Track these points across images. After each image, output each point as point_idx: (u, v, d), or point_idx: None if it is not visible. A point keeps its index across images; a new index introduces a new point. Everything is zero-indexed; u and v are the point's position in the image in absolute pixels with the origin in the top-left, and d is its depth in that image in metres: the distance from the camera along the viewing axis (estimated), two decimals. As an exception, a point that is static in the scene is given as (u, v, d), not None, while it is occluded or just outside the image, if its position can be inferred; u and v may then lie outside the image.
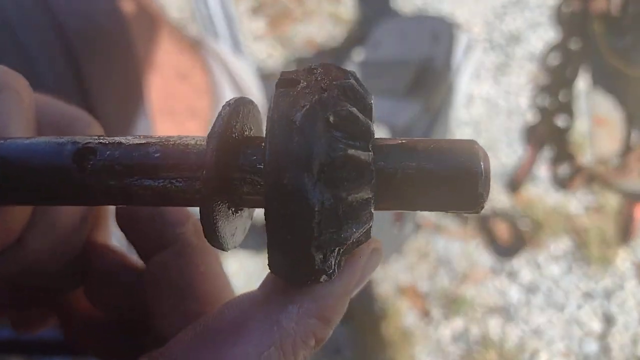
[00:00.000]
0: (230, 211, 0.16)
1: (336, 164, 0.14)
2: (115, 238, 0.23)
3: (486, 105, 1.36)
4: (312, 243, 0.14)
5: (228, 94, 0.65)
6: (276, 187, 0.13)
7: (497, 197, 1.17)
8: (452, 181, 0.14)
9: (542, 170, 1.18)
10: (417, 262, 1.09)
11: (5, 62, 0.42)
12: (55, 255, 0.20)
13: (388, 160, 0.15)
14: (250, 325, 0.15)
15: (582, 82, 0.77)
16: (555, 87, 0.74)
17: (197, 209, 0.15)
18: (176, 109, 0.59)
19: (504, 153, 1.25)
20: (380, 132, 0.91)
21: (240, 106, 0.16)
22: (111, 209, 0.20)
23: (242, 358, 0.15)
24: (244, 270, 1.11)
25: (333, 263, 0.15)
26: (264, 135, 0.14)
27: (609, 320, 0.97)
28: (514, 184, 0.91)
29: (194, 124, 0.61)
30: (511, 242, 1.10)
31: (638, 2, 0.61)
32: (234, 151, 0.15)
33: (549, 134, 0.79)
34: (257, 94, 0.70)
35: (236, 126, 0.16)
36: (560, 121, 0.77)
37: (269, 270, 0.15)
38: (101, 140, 0.16)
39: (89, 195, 0.16)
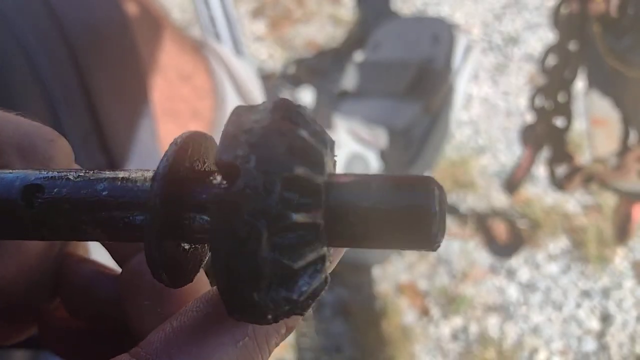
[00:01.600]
0: (182, 247, 0.16)
1: (285, 229, 0.13)
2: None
3: (485, 105, 1.37)
4: (262, 302, 0.14)
5: (230, 95, 0.65)
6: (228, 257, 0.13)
7: (496, 197, 1.18)
8: (406, 221, 0.14)
9: (541, 170, 1.18)
10: (416, 261, 1.10)
11: (9, 65, 0.42)
12: (23, 276, 0.19)
13: (340, 199, 0.14)
14: (226, 318, 0.16)
15: (581, 83, 0.76)
16: (553, 88, 0.74)
17: None
18: (179, 110, 0.59)
19: (502, 153, 1.26)
20: (380, 133, 0.92)
21: (189, 143, 0.16)
22: None
23: (220, 347, 0.15)
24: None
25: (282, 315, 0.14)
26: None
27: (607, 319, 0.97)
28: (512, 185, 0.90)
29: (197, 124, 0.62)
30: (510, 242, 1.11)
31: (637, 3, 0.61)
32: (181, 191, 0.15)
33: (547, 134, 0.79)
34: (257, 95, 0.71)
35: (185, 163, 0.16)
36: (558, 122, 0.77)
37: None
38: (50, 175, 0.16)
39: (36, 232, 0.16)
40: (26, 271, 0.19)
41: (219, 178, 0.15)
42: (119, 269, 0.20)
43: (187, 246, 0.16)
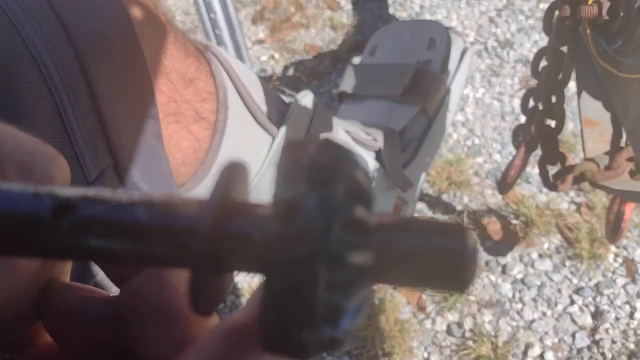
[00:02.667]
0: (212, 277, 0.15)
1: (341, 269, 0.13)
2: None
3: (480, 107, 1.38)
4: (309, 340, 0.13)
5: (232, 98, 0.66)
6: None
7: (491, 196, 1.19)
8: (445, 264, 0.14)
9: (534, 169, 1.19)
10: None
11: (17, 67, 0.42)
12: (13, 300, 0.17)
13: (387, 240, 0.14)
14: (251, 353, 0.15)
15: (573, 84, 0.77)
16: (546, 89, 0.74)
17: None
18: (182, 112, 0.59)
19: (498, 153, 1.27)
20: (377, 135, 0.93)
21: (236, 171, 0.15)
22: None
23: None
24: (245, 280, 1.13)
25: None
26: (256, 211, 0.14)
27: (600, 316, 0.98)
28: (504, 185, 0.91)
29: (200, 127, 0.62)
30: (504, 239, 1.12)
31: (629, 6, 0.60)
32: (226, 220, 0.14)
33: (539, 135, 0.79)
34: (258, 98, 0.71)
35: (232, 194, 0.15)
36: (551, 123, 0.77)
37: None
38: (84, 195, 0.15)
39: (62, 253, 0.15)
40: (18, 295, 0.18)
41: (270, 212, 0.14)
42: (110, 290, 0.20)
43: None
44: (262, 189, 0.73)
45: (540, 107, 0.77)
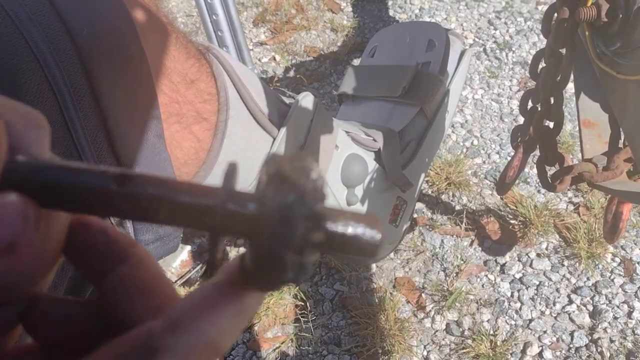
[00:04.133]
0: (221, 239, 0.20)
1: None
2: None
3: (479, 108, 1.39)
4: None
5: (233, 99, 0.67)
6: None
7: (489, 196, 1.20)
8: (356, 242, 0.19)
9: (532, 169, 1.20)
10: (412, 258, 1.12)
11: (21, 68, 0.43)
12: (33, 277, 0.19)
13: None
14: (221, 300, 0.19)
15: (571, 85, 0.77)
16: (544, 90, 0.74)
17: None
18: (184, 113, 0.60)
19: (496, 154, 1.28)
20: (377, 136, 0.93)
21: (234, 169, 0.19)
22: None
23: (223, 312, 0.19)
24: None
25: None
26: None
27: (598, 314, 0.99)
28: (502, 186, 0.91)
29: (201, 127, 0.63)
30: (502, 239, 1.12)
31: (627, 7, 0.60)
32: (230, 202, 0.19)
33: (538, 136, 0.79)
34: (259, 99, 0.72)
35: (232, 184, 0.19)
36: (549, 124, 0.78)
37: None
38: (139, 173, 0.19)
39: (125, 208, 0.18)
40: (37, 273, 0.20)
41: (260, 199, 0.19)
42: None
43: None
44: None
45: (539, 108, 0.77)
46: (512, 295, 1.04)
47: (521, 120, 0.88)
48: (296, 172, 0.18)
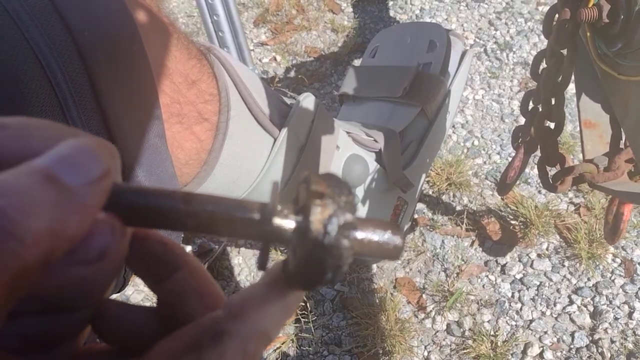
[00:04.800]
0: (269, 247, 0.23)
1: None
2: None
3: (480, 108, 1.39)
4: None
5: (234, 99, 0.67)
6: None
7: (490, 197, 1.20)
8: (382, 248, 0.22)
9: (533, 169, 1.20)
10: (413, 258, 1.12)
11: (23, 70, 0.43)
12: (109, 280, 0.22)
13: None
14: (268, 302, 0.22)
15: (572, 86, 0.77)
16: (545, 91, 0.74)
17: None
18: (185, 113, 0.60)
19: (497, 154, 1.28)
20: (378, 136, 0.93)
21: (275, 189, 0.22)
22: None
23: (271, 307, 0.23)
24: (246, 264, 1.14)
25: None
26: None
27: (599, 315, 0.99)
28: (503, 186, 0.91)
29: (202, 127, 0.63)
30: (503, 239, 1.12)
31: (628, 8, 0.59)
32: (275, 216, 0.22)
33: (539, 137, 0.79)
34: (260, 99, 0.72)
35: (276, 202, 0.22)
36: (550, 124, 0.78)
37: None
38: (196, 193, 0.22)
39: (189, 223, 0.21)
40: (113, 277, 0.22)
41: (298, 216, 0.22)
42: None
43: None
44: (263, 188, 0.74)
45: (540, 109, 0.77)
46: (512, 296, 1.04)
47: (522, 120, 0.88)
48: (331, 188, 0.21)
